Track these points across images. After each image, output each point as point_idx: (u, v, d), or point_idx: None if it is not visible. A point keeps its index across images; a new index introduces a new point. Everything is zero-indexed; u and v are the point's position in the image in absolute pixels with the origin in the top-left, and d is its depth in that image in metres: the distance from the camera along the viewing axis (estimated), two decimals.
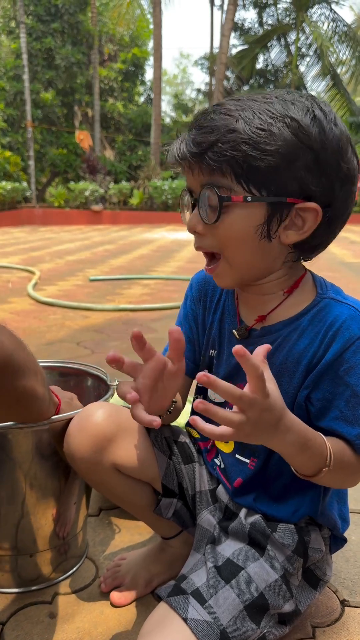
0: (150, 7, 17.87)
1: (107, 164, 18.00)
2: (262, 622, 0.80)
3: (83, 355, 2.63)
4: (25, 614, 1.00)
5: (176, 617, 0.77)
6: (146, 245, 8.67)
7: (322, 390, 0.81)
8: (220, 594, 0.81)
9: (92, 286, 4.71)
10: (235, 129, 0.73)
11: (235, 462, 0.94)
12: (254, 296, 0.90)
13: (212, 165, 0.75)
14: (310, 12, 19.59)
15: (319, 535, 0.92)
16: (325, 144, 0.75)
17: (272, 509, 0.91)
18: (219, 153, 0.74)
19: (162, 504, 0.99)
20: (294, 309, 0.86)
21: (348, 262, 6.50)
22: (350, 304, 0.82)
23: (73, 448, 0.92)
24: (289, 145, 0.73)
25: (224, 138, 0.73)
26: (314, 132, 0.74)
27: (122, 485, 0.97)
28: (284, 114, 0.74)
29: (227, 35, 16.70)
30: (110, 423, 0.92)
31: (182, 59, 56.96)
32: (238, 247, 0.80)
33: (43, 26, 17.27)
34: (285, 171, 0.74)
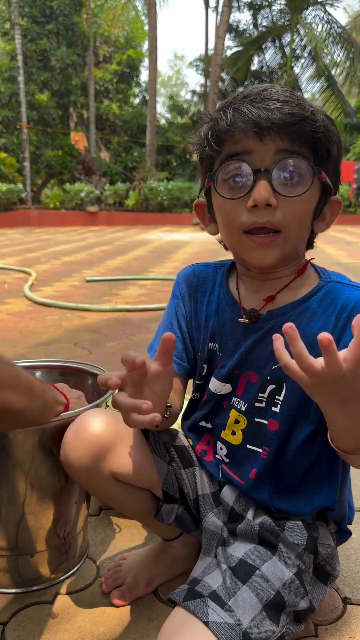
0: (145, 8, 17.90)
1: (103, 166, 18.00)
2: (280, 621, 0.80)
3: (81, 355, 2.62)
4: (27, 614, 1.00)
5: (196, 622, 0.75)
6: (142, 246, 8.67)
7: None
8: (239, 595, 0.79)
9: (88, 287, 4.70)
10: (317, 111, 0.79)
11: (247, 452, 0.93)
12: (260, 281, 0.90)
13: (302, 138, 0.78)
14: (304, 13, 19.67)
15: (326, 531, 0.92)
16: (340, 139, 0.83)
17: (287, 503, 0.90)
18: (314, 128, 0.77)
19: (163, 510, 0.98)
20: (298, 291, 0.87)
21: (344, 262, 6.51)
22: (358, 285, 0.85)
23: (70, 457, 0.91)
24: (339, 139, 0.81)
25: (315, 116, 0.78)
26: (337, 133, 0.82)
27: (122, 493, 0.96)
28: (320, 110, 0.80)
29: (222, 37, 16.74)
30: (108, 431, 0.91)
31: (176, 60, 57.03)
32: (301, 224, 0.82)
33: (38, 28, 17.25)
34: (336, 164, 0.83)
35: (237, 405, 0.94)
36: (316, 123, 0.77)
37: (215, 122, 0.80)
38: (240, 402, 0.93)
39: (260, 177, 0.78)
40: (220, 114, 0.80)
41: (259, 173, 0.78)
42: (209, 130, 0.81)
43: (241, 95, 0.81)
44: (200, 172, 0.90)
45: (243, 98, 0.79)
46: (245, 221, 0.80)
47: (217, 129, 0.80)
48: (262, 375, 0.89)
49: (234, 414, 0.94)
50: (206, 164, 0.86)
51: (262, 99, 0.77)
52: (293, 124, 0.76)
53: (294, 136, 0.77)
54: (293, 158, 0.77)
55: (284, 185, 0.78)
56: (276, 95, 0.77)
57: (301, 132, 0.76)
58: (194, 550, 1.06)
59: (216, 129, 0.80)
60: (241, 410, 0.93)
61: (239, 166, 0.79)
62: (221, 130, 0.79)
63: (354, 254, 7.58)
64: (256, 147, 0.78)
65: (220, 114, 0.80)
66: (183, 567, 1.07)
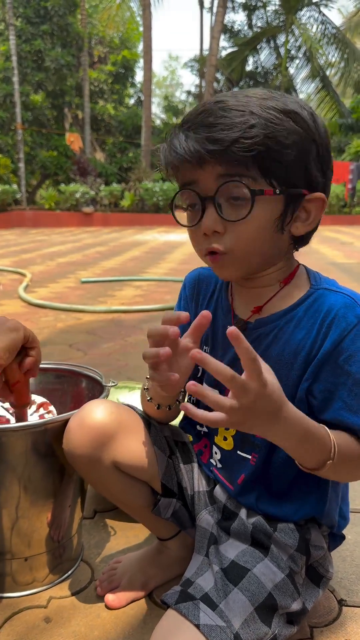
0: (139, 9, 17.88)
1: (98, 166, 17.97)
2: (272, 623, 0.80)
3: (76, 357, 2.61)
4: (21, 618, 0.99)
5: (188, 625, 0.76)
6: (138, 247, 8.66)
7: (323, 382, 0.81)
8: (230, 597, 0.80)
9: (84, 288, 4.69)
10: (254, 124, 0.74)
11: (238, 458, 0.93)
12: (249, 289, 0.90)
13: (236, 161, 0.75)
14: (299, 14, 19.70)
15: (318, 533, 0.92)
16: (322, 136, 0.80)
17: (274, 508, 0.90)
18: (244, 148, 0.74)
19: (161, 504, 0.98)
20: (288, 300, 0.86)
21: (339, 262, 6.52)
22: (344, 292, 0.83)
23: (73, 444, 0.91)
24: (302, 139, 0.77)
25: (247, 134, 0.73)
26: (314, 126, 0.78)
27: (121, 484, 0.96)
28: (287, 109, 0.76)
29: (217, 38, 16.74)
30: (111, 420, 0.92)
31: (171, 61, 57.05)
32: (255, 240, 0.80)
33: (32, 28, 17.22)
34: (300, 164, 0.78)
35: None
36: (248, 140, 0.73)
37: (160, 156, 0.82)
38: None
39: (208, 205, 0.79)
40: (160, 149, 0.82)
41: (205, 201, 0.79)
42: (162, 159, 0.83)
43: (184, 119, 0.80)
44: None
45: (181, 125, 0.79)
46: (202, 246, 0.82)
47: (164, 160, 0.82)
48: None
49: None
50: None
51: (195, 125, 0.76)
52: (224, 150, 0.74)
53: (230, 159, 0.75)
54: (230, 183, 0.76)
55: (230, 210, 0.78)
56: (208, 119, 0.75)
57: (235, 153, 0.74)
58: (190, 552, 1.05)
59: (163, 160, 0.82)
60: None
61: (188, 195, 0.81)
62: (166, 162, 0.81)
63: (350, 254, 7.60)
64: (199, 175, 0.78)
65: (161, 147, 0.81)
66: (178, 569, 1.06)
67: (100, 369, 1.21)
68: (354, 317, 0.79)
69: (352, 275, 5.33)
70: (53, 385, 1.25)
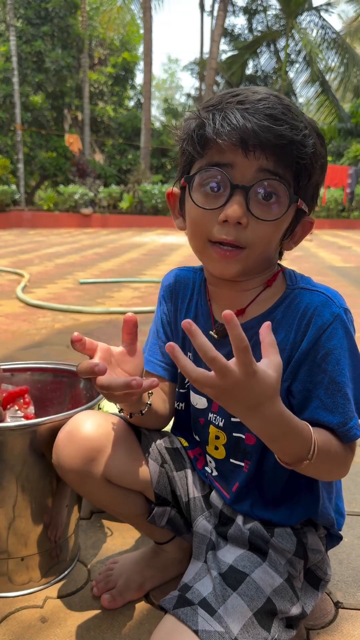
0: (140, 11, 17.92)
1: (97, 168, 17.97)
2: (272, 628, 0.79)
3: (73, 357, 2.61)
4: (16, 618, 0.99)
5: (186, 630, 0.75)
6: (136, 249, 8.66)
7: (302, 381, 0.81)
8: (229, 603, 0.79)
9: (82, 289, 4.68)
10: (309, 135, 0.76)
11: (232, 467, 0.93)
12: (230, 292, 0.88)
13: (285, 162, 0.75)
14: (299, 19, 19.76)
15: (315, 536, 0.92)
16: (325, 162, 0.82)
17: (269, 514, 0.90)
18: (301, 154, 0.75)
19: (156, 513, 0.97)
20: (266, 303, 0.86)
21: (337, 266, 6.53)
22: (319, 290, 0.83)
23: (62, 460, 0.90)
24: (325, 161, 0.81)
25: (306, 141, 0.75)
26: (323, 145, 0.81)
27: (114, 496, 0.95)
28: (313, 125, 0.79)
29: (217, 41, 16.79)
30: (100, 434, 0.91)
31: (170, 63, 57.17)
32: (268, 244, 0.80)
33: (33, 29, 17.23)
34: (317, 186, 0.82)
35: (215, 422, 0.94)
36: (305, 149, 0.74)
37: (201, 124, 0.76)
38: (217, 418, 0.93)
39: (237, 193, 0.75)
40: (208, 117, 0.75)
41: (236, 189, 0.75)
42: (195, 129, 0.78)
43: (234, 96, 0.76)
44: (180, 163, 0.86)
45: (236, 103, 0.74)
46: (214, 233, 0.78)
47: (202, 132, 0.76)
48: None
49: (213, 430, 0.95)
50: (186, 158, 0.83)
51: (255, 110, 0.73)
52: (281, 147, 0.73)
53: (280, 158, 0.74)
54: (273, 180, 0.75)
55: (259, 206, 0.76)
56: (271, 110, 0.73)
57: (287, 156, 0.74)
58: (187, 554, 1.05)
59: (202, 132, 0.76)
60: (219, 426, 0.93)
61: (218, 176, 0.77)
62: (207, 135, 0.75)
63: (347, 258, 7.61)
64: (239, 162, 0.75)
65: (209, 117, 0.75)
66: (175, 571, 1.06)
67: None
68: (330, 315, 0.79)
69: (350, 279, 5.34)
70: (51, 385, 1.25)
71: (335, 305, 0.80)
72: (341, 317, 0.79)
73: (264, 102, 0.74)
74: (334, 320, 0.79)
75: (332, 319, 0.79)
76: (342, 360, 0.78)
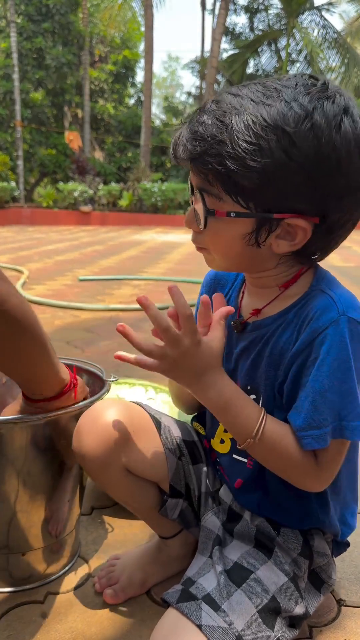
0: (141, 9, 17.89)
1: (97, 165, 17.95)
2: (275, 626, 0.78)
3: (74, 354, 2.60)
4: (17, 614, 0.98)
5: (189, 625, 0.74)
6: (135, 247, 8.65)
7: (291, 382, 0.79)
8: (234, 599, 0.78)
9: (81, 286, 4.68)
10: (222, 140, 0.70)
11: (233, 462, 0.93)
12: (254, 288, 0.89)
13: (202, 174, 0.75)
14: (300, 18, 19.74)
15: (322, 540, 0.91)
16: (320, 159, 0.69)
17: (276, 515, 0.89)
18: (204, 165, 0.72)
19: (168, 505, 0.97)
20: (286, 302, 0.83)
21: (337, 265, 6.53)
22: (330, 294, 0.78)
23: (84, 449, 0.89)
24: (277, 163, 0.69)
25: (212, 150, 0.71)
26: (307, 147, 0.69)
27: (131, 486, 0.95)
28: (277, 123, 0.68)
29: (218, 40, 16.76)
30: (123, 422, 0.90)
31: (171, 61, 57.06)
32: (225, 249, 0.80)
33: (34, 26, 17.20)
34: (271, 188, 0.71)
35: None
36: (209, 158, 0.71)
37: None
38: None
39: (192, 199, 0.81)
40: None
41: (192, 195, 0.81)
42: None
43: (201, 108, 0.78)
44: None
45: (189, 117, 0.78)
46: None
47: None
48: (243, 384, 0.88)
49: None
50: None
51: (188, 124, 0.76)
52: (192, 160, 0.75)
53: (197, 170, 0.75)
54: (198, 192, 0.77)
55: (196, 216, 0.80)
56: (194, 123, 0.74)
57: (202, 168, 0.73)
58: (190, 550, 1.05)
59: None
60: None
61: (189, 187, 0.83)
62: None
63: (348, 257, 7.61)
64: (190, 173, 0.79)
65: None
66: (178, 568, 1.05)
67: (101, 364, 1.20)
68: (327, 320, 0.75)
69: (350, 278, 5.34)
70: None
71: (336, 310, 0.75)
72: (340, 323, 0.74)
73: (198, 114, 0.75)
74: (330, 326, 0.74)
75: (328, 324, 0.74)
76: (325, 367, 0.74)
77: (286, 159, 0.69)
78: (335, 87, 0.74)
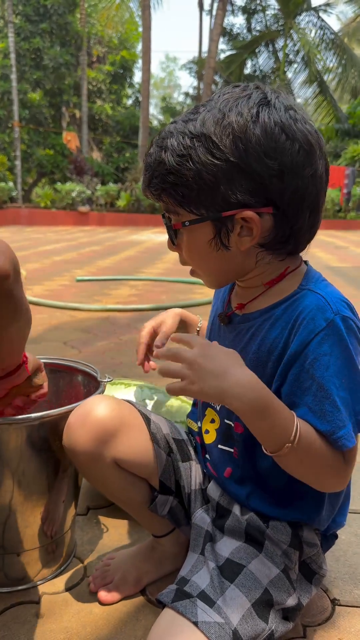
0: (139, 10, 17.89)
1: (95, 166, 17.95)
2: (269, 619, 0.79)
3: (70, 354, 2.60)
4: (12, 614, 0.98)
5: (186, 622, 0.75)
6: (133, 247, 8.66)
7: (290, 385, 0.78)
8: (227, 594, 0.79)
9: (78, 286, 4.68)
10: (162, 160, 0.79)
11: (220, 452, 0.94)
12: (242, 288, 0.92)
13: (155, 198, 0.83)
14: (298, 19, 19.80)
15: (311, 530, 0.92)
16: (244, 150, 0.74)
17: (266, 508, 0.90)
18: (155, 187, 0.81)
19: (158, 501, 0.98)
20: (273, 298, 0.85)
21: (333, 266, 6.55)
22: (321, 293, 0.79)
23: (74, 442, 0.91)
24: (208, 165, 0.76)
25: (156, 172, 0.80)
26: (229, 143, 0.75)
27: (121, 481, 0.96)
28: (201, 131, 0.76)
29: (216, 40, 16.78)
30: (113, 417, 0.92)
31: (169, 62, 57.08)
32: (201, 261, 0.86)
33: (31, 26, 17.21)
34: (212, 190, 0.77)
35: (213, 404, 0.96)
36: (155, 180, 0.81)
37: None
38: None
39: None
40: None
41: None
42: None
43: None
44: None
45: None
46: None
47: None
48: None
49: (211, 413, 0.97)
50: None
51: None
52: (148, 187, 0.83)
53: (153, 195, 0.83)
54: (163, 215, 0.86)
55: (169, 238, 0.88)
56: (147, 157, 0.84)
57: (154, 192, 0.83)
58: (183, 549, 1.05)
59: None
60: (216, 410, 0.95)
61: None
62: None
63: (344, 258, 7.63)
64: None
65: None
66: (172, 566, 1.06)
67: (94, 366, 1.20)
68: (323, 320, 0.76)
69: (346, 279, 5.35)
70: (48, 381, 1.24)
71: (331, 310, 0.76)
72: (336, 323, 0.75)
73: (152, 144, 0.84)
74: (327, 327, 0.75)
75: (325, 324, 0.75)
76: (331, 367, 0.75)
77: (213, 159, 0.75)
78: (256, 84, 0.80)
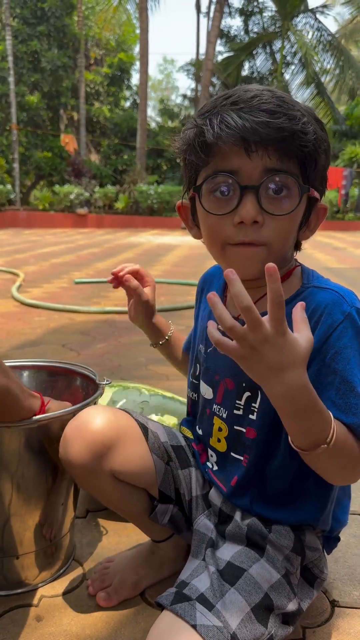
0: (136, 12, 17.92)
1: (93, 168, 17.95)
2: (269, 623, 0.79)
3: (69, 357, 2.60)
4: (11, 617, 0.98)
5: (184, 625, 0.74)
6: (132, 249, 8.66)
7: (312, 381, 0.76)
8: (227, 598, 0.78)
9: (77, 289, 4.68)
10: (308, 122, 0.76)
11: (232, 460, 0.93)
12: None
13: (288, 154, 0.76)
14: (295, 21, 19.83)
15: (313, 535, 0.91)
16: (327, 145, 0.81)
17: (269, 512, 0.89)
18: (303, 142, 0.75)
19: (158, 510, 0.97)
20: None
21: (332, 267, 6.55)
22: (332, 288, 0.81)
23: (71, 455, 0.90)
24: (328, 144, 0.80)
25: (305, 128, 0.75)
26: (324, 131, 0.80)
27: (119, 492, 0.95)
28: (314, 114, 0.79)
29: (213, 42, 16.82)
30: (109, 429, 0.90)
31: (166, 64, 57.14)
32: (286, 238, 0.81)
33: (29, 29, 17.21)
34: (324, 172, 0.82)
35: (219, 413, 0.94)
36: (306, 136, 0.74)
37: (200, 132, 0.77)
38: (220, 410, 0.93)
39: (247, 194, 0.76)
40: (206, 123, 0.76)
41: (246, 190, 0.76)
42: (195, 138, 0.78)
43: (226, 98, 0.77)
44: (185, 175, 0.87)
45: (230, 104, 0.76)
46: (231, 237, 0.79)
47: (203, 139, 0.77)
48: (238, 382, 0.89)
49: (217, 422, 0.95)
50: (191, 169, 0.84)
51: (250, 108, 0.74)
52: (282, 140, 0.74)
53: (283, 152, 0.75)
54: (281, 175, 0.76)
55: (271, 203, 0.77)
56: (265, 105, 0.74)
57: (290, 147, 0.75)
58: (182, 553, 1.05)
59: (202, 139, 0.77)
60: (223, 418, 0.93)
61: (226, 181, 0.78)
62: (207, 141, 0.76)
63: (342, 259, 7.64)
64: (244, 164, 0.76)
65: (207, 122, 0.76)
66: (171, 570, 1.06)
67: (93, 369, 1.20)
68: (340, 314, 0.77)
69: (344, 280, 5.36)
70: (47, 383, 1.24)
71: (346, 304, 0.78)
72: (352, 316, 0.77)
73: (257, 99, 0.75)
74: (345, 319, 0.77)
75: (343, 317, 0.77)
76: (352, 359, 0.76)
77: (328, 145, 0.80)
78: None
